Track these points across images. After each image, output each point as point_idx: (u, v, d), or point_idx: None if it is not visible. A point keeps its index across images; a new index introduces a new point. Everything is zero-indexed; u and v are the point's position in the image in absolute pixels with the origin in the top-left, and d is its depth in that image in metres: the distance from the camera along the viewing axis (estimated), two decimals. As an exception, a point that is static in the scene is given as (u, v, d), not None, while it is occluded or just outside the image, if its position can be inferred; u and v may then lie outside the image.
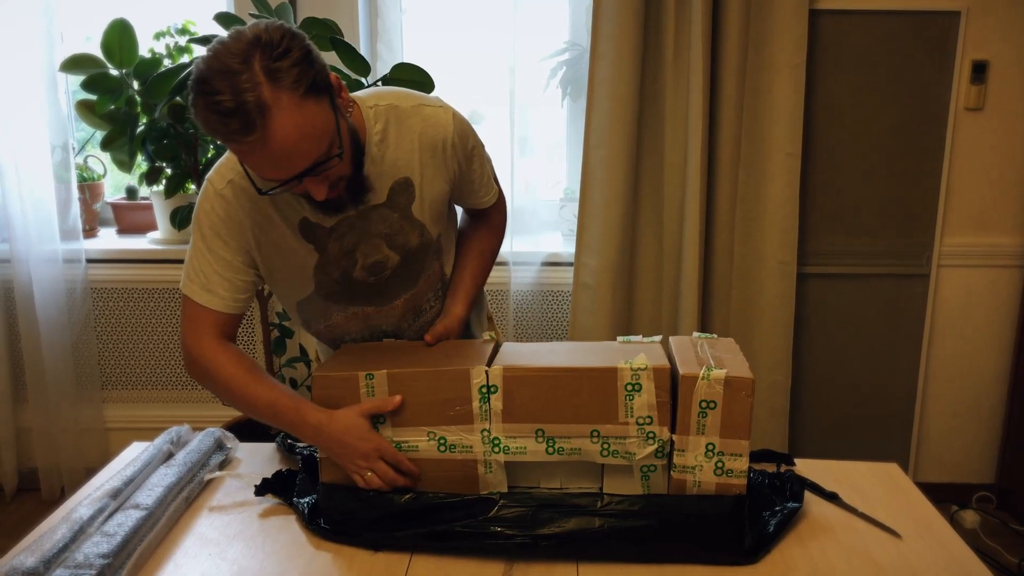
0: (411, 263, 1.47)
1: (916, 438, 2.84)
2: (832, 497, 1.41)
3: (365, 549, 1.28)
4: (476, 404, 1.28)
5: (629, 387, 1.24)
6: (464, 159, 1.45)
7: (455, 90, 2.65)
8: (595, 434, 1.26)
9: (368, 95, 1.38)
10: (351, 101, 1.30)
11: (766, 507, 1.33)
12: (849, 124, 2.62)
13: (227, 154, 1.36)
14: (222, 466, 1.51)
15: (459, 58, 2.70)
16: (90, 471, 1.54)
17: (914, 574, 1.21)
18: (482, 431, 1.28)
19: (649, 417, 1.25)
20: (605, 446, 1.26)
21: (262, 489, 1.40)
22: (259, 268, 1.41)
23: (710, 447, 1.24)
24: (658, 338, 1.40)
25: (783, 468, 1.50)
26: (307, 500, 1.36)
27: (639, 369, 1.24)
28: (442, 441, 1.29)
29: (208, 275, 1.36)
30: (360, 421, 1.28)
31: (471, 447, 1.29)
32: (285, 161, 1.15)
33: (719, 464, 1.25)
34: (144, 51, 2.38)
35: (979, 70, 2.56)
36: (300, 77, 1.12)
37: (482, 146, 1.51)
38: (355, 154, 1.28)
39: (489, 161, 1.56)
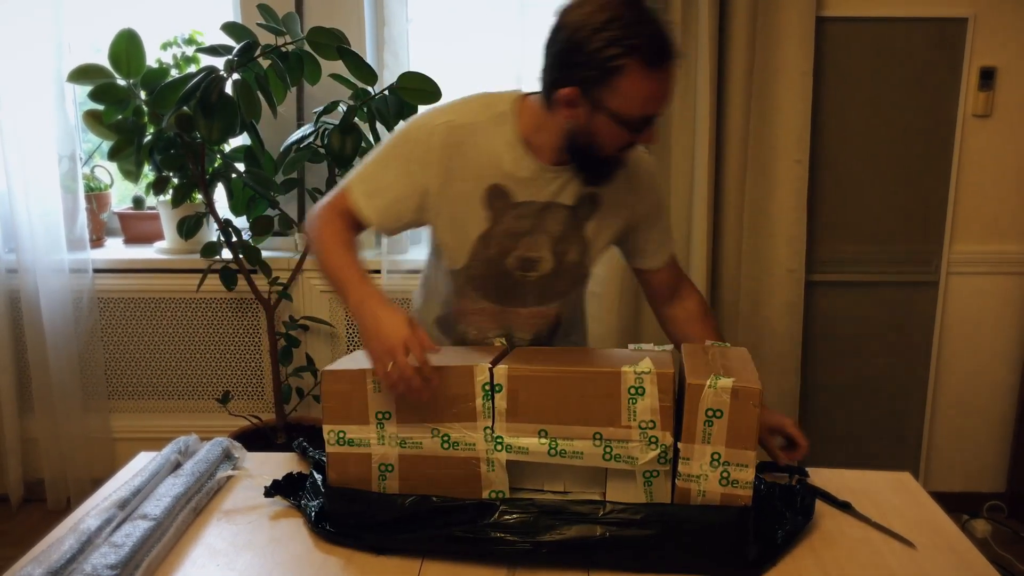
0: (560, 278, 1.51)
1: (926, 446, 2.82)
2: (845, 506, 1.40)
3: (368, 552, 1.28)
4: (479, 402, 1.28)
5: (632, 391, 1.24)
6: (653, 205, 1.55)
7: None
8: (598, 436, 1.26)
9: None
10: None
11: (775, 520, 1.32)
12: (857, 131, 2.61)
13: (448, 103, 1.47)
14: (230, 477, 1.51)
15: (465, 67, 2.70)
16: (96, 481, 1.54)
17: (928, 585, 1.20)
18: (485, 429, 1.28)
19: (652, 422, 1.24)
20: (608, 450, 1.26)
21: (272, 490, 1.41)
22: (428, 212, 1.45)
23: (716, 456, 1.23)
24: (670, 347, 1.40)
25: (795, 479, 1.49)
26: (315, 504, 1.36)
27: (642, 373, 1.23)
28: (445, 438, 1.30)
29: (378, 187, 1.43)
30: (404, 314, 1.28)
31: (474, 444, 1.29)
32: (669, 95, 1.31)
33: (725, 474, 1.24)
34: (151, 61, 2.39)
35: (987, 77, 2.55)
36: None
37: (665, 202, 1.62)
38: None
39: (669, 220, 1.65)
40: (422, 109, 2.61)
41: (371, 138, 2.40)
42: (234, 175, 2.41)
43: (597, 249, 1.52)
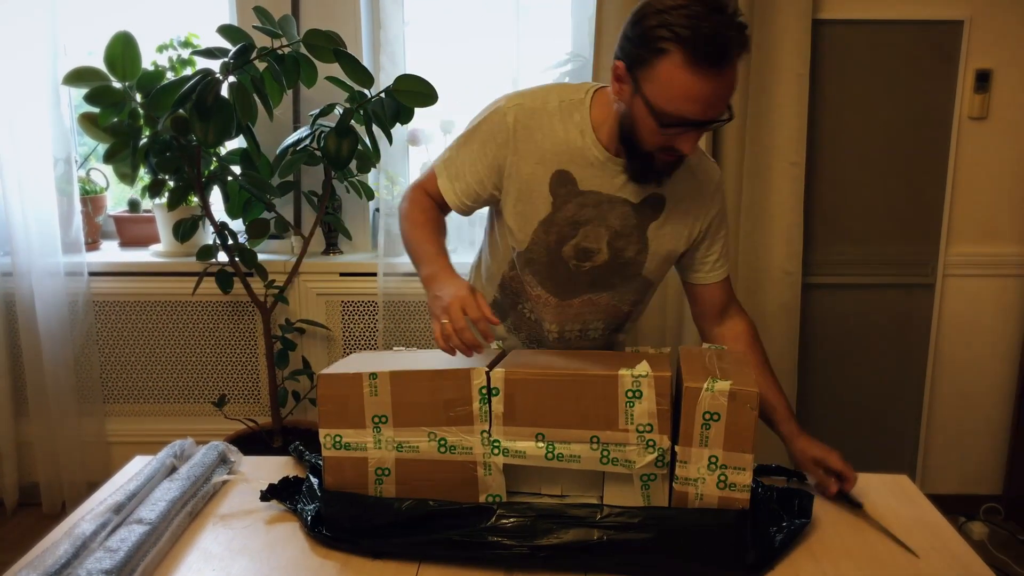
0: (614, 273, 1.52)
1: (923, 449, 2.82)
2: (858, 506, 1.40)
3: (365, 556, 1.28)
4: (476, 405, 1.28)
5: (630, 394, 1.24)
6: (717, 217, 1.54)
7: (458, 101, 2.65)
8: (595, 440, 1.26)
9: None
10: None
11: (773, 523, 1.31)
12: (853, 133, 2.61)
13: (521, 90, 1.48)
14: (225, 481, 1.50)
15: (462, 69, 2.70)
16: (92, 485, 1.53)
17: (926, 588, 1.20)
18: (482, 432, 1.28)
19: (649, 425, 1.24)
20: (605, 453, 1.26)
21: (268, 495, 1.40)
22: (501, 191, 1.49)
23: (713, 460, 1.23)
24: (667, 349, 1.40)
25: (793, 482, 1.49)
26: (311, 508, 1.35)
27: (640, 376, 1.23)
28: (442, 442, 1.29)
29: (458, 171, 1.50)
30: (465, 284, 1.34)
31: (471, 448, 1.29)
32: (718, 102, 1.25)
33: (722, 477, 1.23)
34: (147, 64, 2.38)
35: (982, 79, 2.56)
36: (747, 46, 1.23)
37: (728, 220, 1.60)
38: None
39: (729, 237, 1.62)
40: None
41: (367, 140, 2.40)
42: (230, 178, 2.41)
43: (656, 253, 1.51)
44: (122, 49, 2.28)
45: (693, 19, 1.19)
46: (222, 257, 2.47)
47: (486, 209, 1.62)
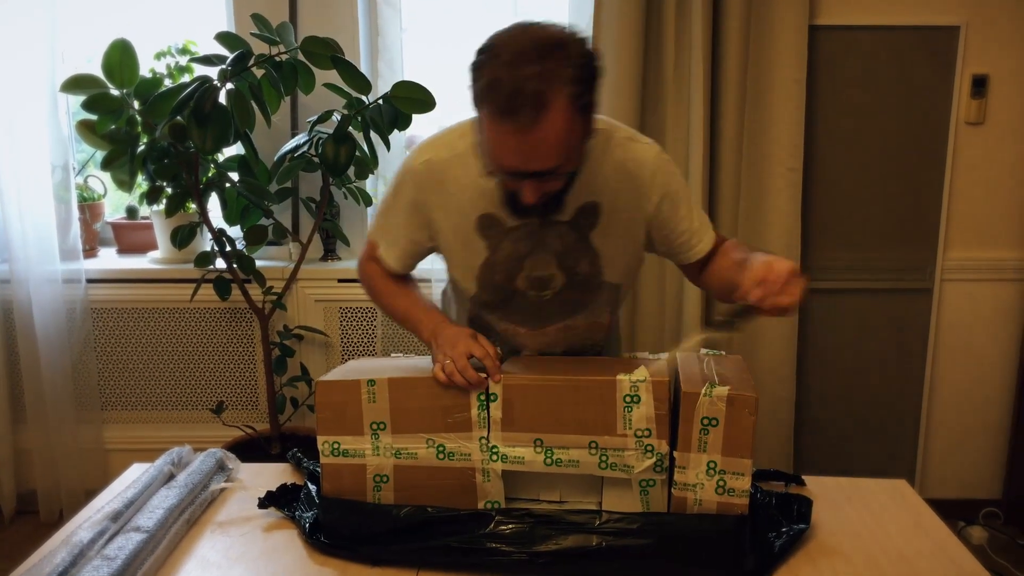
0: (576, 290, 1.46)
1: (921, 453, 2.82)
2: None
3: (363, 564, 1.28)
4: (475, 412, 1.28)
5: (628, 399, 1.24)
6: (665, 200, 1.42)
7: (456, 106, 2.65)
8: (593, 445, 1.26)
9: None
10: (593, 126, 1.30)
11: (772, 528, 1.31)
12: (850, 139, 2.62)
13: (435, 134, 1.45)
14: (223, 489, 1.50)
15: (460, 75, 2.70)
16: (90, 493, 1.53)
17: (925, 593, 1.19)
18: (480, 439, 1.28)
19: (648, 430, 1.24)
20: (603, 458, 1.26)
21: (266, 502, 1.40)
22: (437, 244, 1.48)
23: (711, 465, 1.23)
24: (665, 355, 1.39)
25: (791, 487, 1.48)
26: (309, 515, 1.35)
27: (638, 381, 1.23)
28: (440, 448, 1.29)
29: (390, 236, 1.50)
30: (468, 331, 1.36)
31: (469, 455, 1.29)
32: (532, 156, 1.18)
33: (720, 483, 1.23)
34: (145, 71, 2.38)
35: (979, 84, 2.56)
36: (587, 94, 1.18)
37: (687, 191, 1.47)
38: (571, 178, 1.32)
39: (699, 209, 1.49)
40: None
41: (365, 147, 2.40)
42: (228, 184, 2.41)
43: (612, 258, 1.45)
44: (120, 56, 2.28)
45: (495, 73, 1.14)
46: (220, 264, 2.47)
47: None
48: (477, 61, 1.19)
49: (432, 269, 2.27)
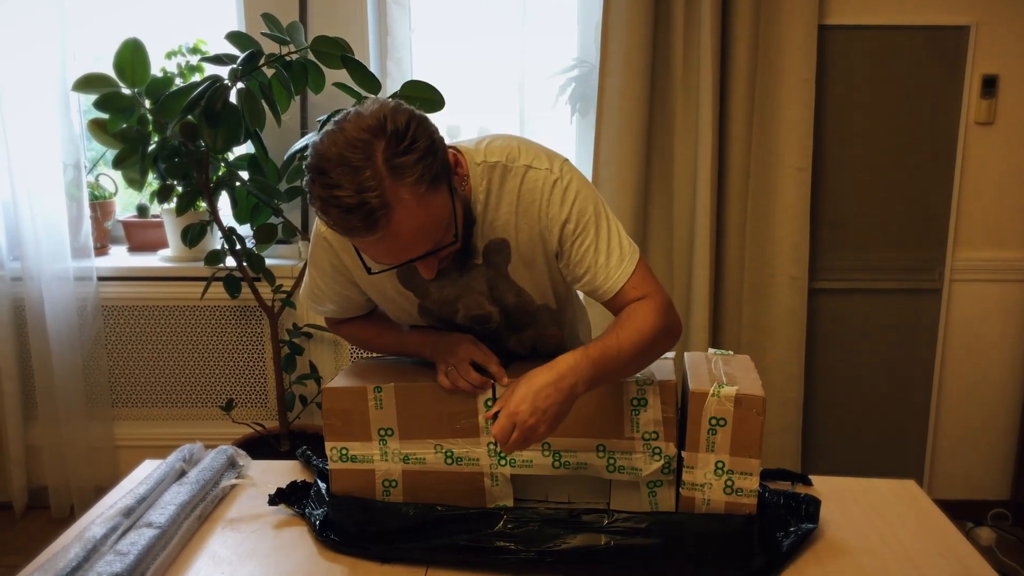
0: (516, 318, 1.40)
1: (930, 454, 2.81)
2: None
3: (373, 561, 1.28)
4: (482, 417, 1.28)
5: (635, 402, 1.24)
6: (566, 229, 1.27)
7: (464, 107, 2.66)
8: (601, 448, 1.26)
9: (481, 147, 1.28)
10: (466, 174, 1.24)
11: (780, 528, 1.32)
12: (859, 139, 2.61)
13: None
14: (234, 486, 1.51)
15: (468, 75, 2.71)
16: (100, 489, 1.54)
17: (933, 593, 1.20)
18: (488, 444, 1.28)
19: (655, 432, 1.24)
20: (611, 461, 1.26)
21: (276, 499, 1.41)
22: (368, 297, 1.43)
23: (720, 465, 1.23)
24: (671, 355, 1.39)
25: (798, 487, 1.49)
26: (319, 512, 1.36)
27: (645, 384, 1.23)
28: (449, 454, 1.30)
29: (319, 294, 1.43)
30: (467, 337, 1.34)
31: (477, 460, 1.29)
32: (400, 252, 1.13)
33: (729, 482, 1.24)
34: (156, 70, 2.40)
35: (989, 84, 2.56)
36: (424, 172, 1.08)
37: (603, 222, 1.28)
38: (466, 227, 1.23)
39: (619, 245, 1.29)
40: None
41: (375, 146, 2.41)
42: (238, 183, 2.42)
43: (535, 287, 1.35)
44: (131, 55, 2.30)
45: (322, 195, 1.07)
46: (230, 262, 2.48)
47: None
48: (306, 180, 1.11)
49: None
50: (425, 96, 2.26)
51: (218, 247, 2.48)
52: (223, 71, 2.21)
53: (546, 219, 1.27)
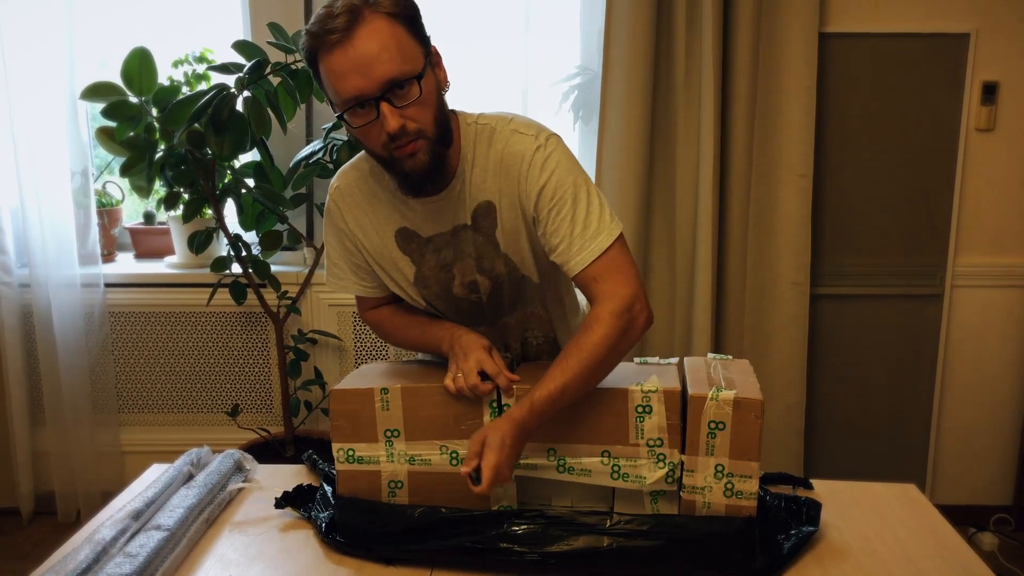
0: (504, 290, 1.44)
1: (932, 459, 2.82)
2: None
3: (378, 563, 1.30)
4: (487, 419, 1.29)
5: (640, 409, 1.25)
6: (543, 197, 1.30)
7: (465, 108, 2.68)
8: (606, 454, 1.27)
9: (476, 113, 1.38)
10: (447, 80, 1.33)
11: (781, 530, 1.33)
12: (860, 145, 2.63)
13: (346, 164, 1.45)
14: (241, 489, 1.53)
15: (471, 81, 2.73)
16: (106, 494, 1.56)
17: (933, 595, 1.21)
18: None
19: (660, 439, 1.25)
20: (616, 468, 1.27)
21: (283, 502, 1.43)
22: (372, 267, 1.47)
23: (719, 468, 1.25)
24: (675, 360, 1.40)
25: (799, 491, 1.50)
26: (325, 515, 1.37)
27: (650, 391, 1.24)
28: (454, 455, 1.31)
29: (335, 268, 1.50)
30: (482, 342, 1.35)
31: None
32: (367, 68, 1.19)
33: (729, 485, 1.25)
34: (163, 79, 2.42)
35: (989, 91, 2.57)
36: (397, 7, 1.22)
37: (582, 193, 1.30)
38: (439, 126, 1.27)
39: (597, 219, 1.30)
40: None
41: (379, 154, 2.43)
42: (244, 190, 2.45)
43: (517, 254, 1.39)
44: (139, 64, 2.32)
45: (312, 24, 1.21)
46: (236, 269, 2.51)
47: None
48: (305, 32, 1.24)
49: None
50: (429, 104, 2.28)
51: (224, 254, 2.51)
52: (229, 80, 2.23)
53: (525, 183, 1.31)
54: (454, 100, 1.38)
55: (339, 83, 1.21)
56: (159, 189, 2.54)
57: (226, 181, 2.49)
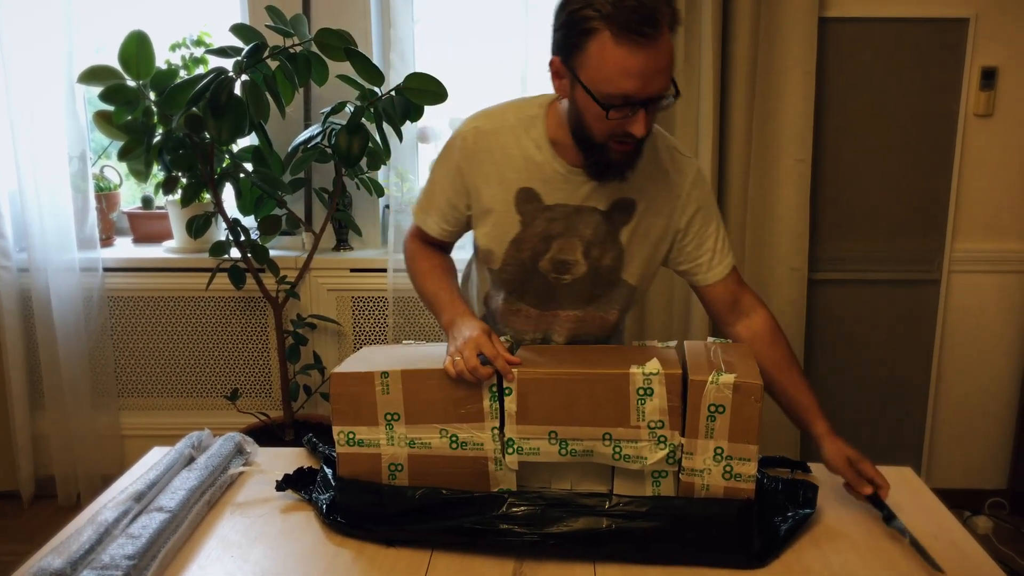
0: (593, 281, 1.49)
1: (928, 444, 2.84)
2: (890, 518, 1.34)
3: (379, 544, 1.31)
4: (487, 403, 1.30)
5: (641, 392, 1.26)
6: (698, 214, 1.48)
7: (467, 99, 2.68)
8: (607, 437, 1.28)
9: None
10: None
11: (778, 513, 1.34)
12: (859, 130, 2.63)
13: (490, 106, 1.49)
14: (242, 472, 1.53)
15: (470, 68, 2.73)
16: (106, 478, 1.57)
17: (929, 576, 1.22)
18: (492, 428, 1.30)
19: (660, 421, 1.26)
20: (617, 449, 1.28)
21: (283, 484, 1.44)
22: (473, 214, 1.50)
23: (718, 451, 1.26)
24: (673, 343, 1.41)
25: (797, 474, 1.51)
26: (326, 497, 1.38)
27: (651, 374, 1.25)
28: (454, 438, 1.32)
29: (430, 200, 1.54)
30: (482, 325, 1.36)
31: (482, 444, 1.31)
32: (653, 75, 1.22)
33: (727, 468, 1.26)
34: (160, 62, 2.41)
35: (988, 76, 2.57)
36: (679, 23, 1.24)
37: (718, 213, 1.53)
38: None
39: (724, 233, 1.53)
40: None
41: (378, 138, 2.43)
42: (242, 175, 2.44)
43: (634, 257, 1.48)
44: (136, 48, 2.31)
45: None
46: (234, 253, 2.51)
47: None
48: (575, 1, 1.21)
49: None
50: (428, 88, 2.27)
51: (223, 238, 2.51)
52: (227, 63, 2.23)
53: (686, 200, 1.47)
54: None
55: (622, 77, 1.21)
56: (157, 173, 2.54)
57: (224, 165, 2.49)
